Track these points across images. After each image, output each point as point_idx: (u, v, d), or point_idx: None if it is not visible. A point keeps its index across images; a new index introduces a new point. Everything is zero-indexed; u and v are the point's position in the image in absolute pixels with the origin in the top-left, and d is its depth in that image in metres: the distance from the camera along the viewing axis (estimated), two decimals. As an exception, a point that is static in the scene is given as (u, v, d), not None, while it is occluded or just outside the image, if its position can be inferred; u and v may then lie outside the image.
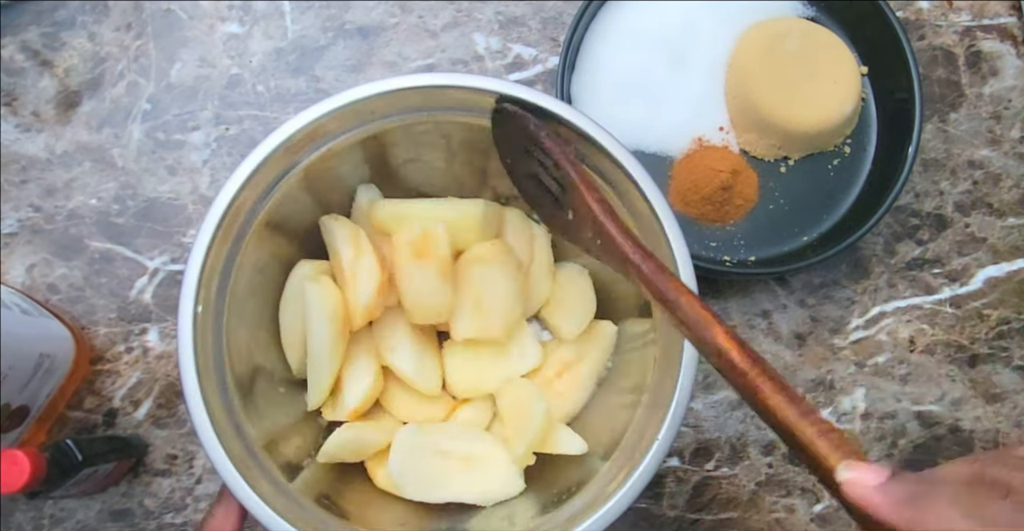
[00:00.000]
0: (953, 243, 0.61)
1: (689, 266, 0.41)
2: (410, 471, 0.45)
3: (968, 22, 0.64)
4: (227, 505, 0.40)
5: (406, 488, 0.45)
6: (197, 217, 0.58)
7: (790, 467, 0.58)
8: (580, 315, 0.50)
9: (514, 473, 0.46)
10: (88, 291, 0.56)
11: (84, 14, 0.60)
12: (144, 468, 0.55)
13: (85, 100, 0.59)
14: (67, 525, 0.54)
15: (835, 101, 0.57)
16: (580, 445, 0.47)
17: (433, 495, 0.45)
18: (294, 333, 0.48)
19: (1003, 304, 0.61)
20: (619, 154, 0.42)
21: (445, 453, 0.46)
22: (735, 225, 0.58)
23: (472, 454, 0.46)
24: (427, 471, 0.45)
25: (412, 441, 0.46)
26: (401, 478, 0.45)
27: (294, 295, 0.47)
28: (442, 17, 0.61)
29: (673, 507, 0.57)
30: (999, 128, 0.63)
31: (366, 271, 0.46)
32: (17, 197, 0.57)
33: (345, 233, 0.47)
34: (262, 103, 0.59)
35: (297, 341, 0.48)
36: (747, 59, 0.58)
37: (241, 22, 0.60)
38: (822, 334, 0.59)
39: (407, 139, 0.46)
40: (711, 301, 0.59)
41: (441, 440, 0.46)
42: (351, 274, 0.46)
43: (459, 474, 0.46)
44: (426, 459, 0.45)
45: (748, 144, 0.59)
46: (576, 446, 0.47)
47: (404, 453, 0.45)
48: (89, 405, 0.55)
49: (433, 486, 0.45)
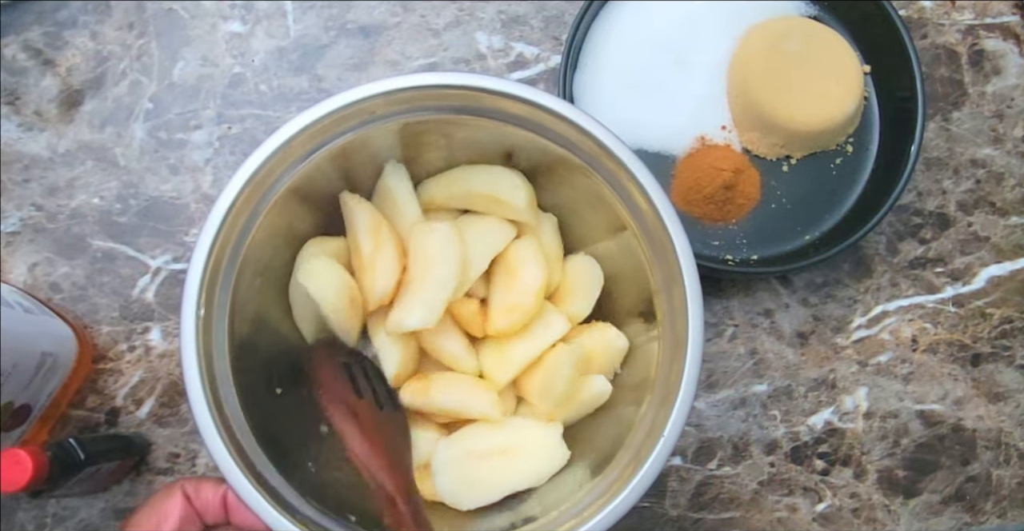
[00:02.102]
0: (956, 242, 0.61)
1: (693, 265, 0.41)
2: (459, 485, 0.45)
3: (971, 21, 0.64)
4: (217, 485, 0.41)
5: (463, 502, 0.45)
6: (199, 216, 0.58)
7: (792, 466, 0.58)
8: (589, 299, 0.50)
9: (554, 442, 0.46)
10: (90, 290, 0.56)
11: (86, 13, 0.60)
12: (146, 467, 0.55)
13: (87, 99, 0.59)
14: (69, 524, 0.54)
15: (837, 100, 0.57)
16: (605, 386, 0.47)
17: (490, 497, 0.45)
18: (306, 309, 0.48)
19: (1006, 303, 0.61)
20: (622, 153, 0.42)
21: (483, 454, 0.45)
22: (737, 224, 0.58)
23: (508, 444, 0.46)
24: (474, 479, 0.45)
25: (447, 457, 0.46)
26: (454, 497, 0.45)
27: (304, 275, 0.47)
28: (444, 16, 0.61)
29: (675, 506, 0.57)
30: (1002, 127, 0.63)
31: (386, 264, 0.45)
32: (20, 196, 0.57)
33: (366, 221, 0.47)
34: (264, 102, 0.59)
35: (310, 316, 0.48)
36: (750, 58, 0.58)
37: (243, 21, 0.60)
38: (824, 333, 0.59)
39: (409, 138, 0.46)
40: (713, 300, 0.59)
41: (473, 444, 0.46)
42: (369, 264, 0.46)
43: (505, 467, 0.45)
44: (468, 469, 0.45)
45: (750, 143, 0.59)
46: (602, 386, 0.47)
47: (447, 473, 0.45)
48: (91, 404, 0.55)
49: (486, 489, 0.45)
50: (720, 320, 0.59)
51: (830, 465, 0.58)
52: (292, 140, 0.41)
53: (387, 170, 0.48)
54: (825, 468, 0.58)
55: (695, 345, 0.40)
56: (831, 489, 0.58)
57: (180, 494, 0.42)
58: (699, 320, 0.40)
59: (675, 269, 0.41)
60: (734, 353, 0.59)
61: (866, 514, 0.58)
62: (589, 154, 0.44)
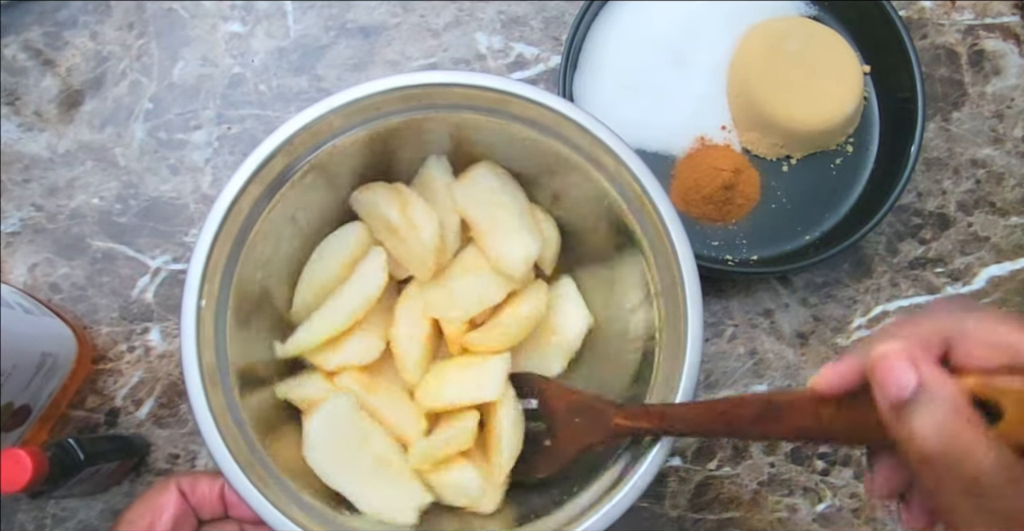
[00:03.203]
0: (956, 242, 0.61)
1: (693, 265, 0.41)
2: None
3: (971, 21, 0.64)
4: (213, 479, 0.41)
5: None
6: (199, 216, 0.58)
7: (792, 466, 0.58)
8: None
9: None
10: (90, 290, 0.56)
11: (86, 13, 0.60)
12: (146, 467, 0.55)
13: (87, 99, 0.59)
14: (69, 525, 0.54)
15: (837, 100, 0.57)
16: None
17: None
18: (312, 287, 0.48)
19: (1006, 303, 0.61)
20: (623, 153, 0.42)
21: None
22: (737, 224, 0.58)
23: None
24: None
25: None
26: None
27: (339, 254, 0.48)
28: (444, 16, 0.61)
29: (675, 507, 0.57)
30: (1002, 127, 0.62)
31: (421, 216, 0.46)
32: (19, 196, 0.57)
33: (386, 195, 0.47)
34: (264, 102, 0.59)
35: (315, 293, 0.48)
36: (749, 58, 0.58)
37: (243, 21, 0.60)
38: (824, 333, 0.59)
39: (413, 137, 0.46)
40: (713, 300, 0.59)
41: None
42: (408, 227, 0.46)
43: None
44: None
45: (750, 143, 0.59)
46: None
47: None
48: (91, 404, 0.55)
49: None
50: (720, 320, 0.59)
51: (830, 465, 0.58)
52: (292, 139, 0.41)
53: (429, 162, 0.49)
54: (825, 468, 0.58)
55: (695, 345, 0.40)
56: (831, 489, 0.58)
57: (175, 490, 0.41)
58: (699, 320, 0.40)
59: (675, 269, 0.41)
60: (734, 353, 0.59)
61: (866, 514, 0.58)
62: (590, 154, 0.44)
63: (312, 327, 0.46)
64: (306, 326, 0.46)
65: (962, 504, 0.26)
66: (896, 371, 0.27)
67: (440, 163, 0.49)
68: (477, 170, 0.48)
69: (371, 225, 0.48)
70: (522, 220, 0.47)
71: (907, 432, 0.26)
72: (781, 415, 0.33)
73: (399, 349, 0.48)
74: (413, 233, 0.46)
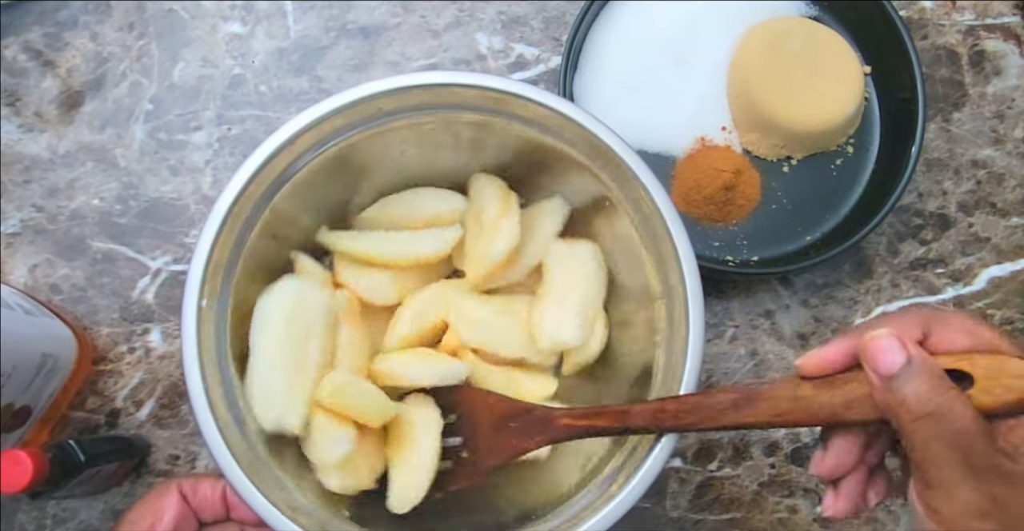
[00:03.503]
0: (956, 243, 0.61)
1: (694, 266, 0.41)
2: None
3: (971, 21, 0.64)
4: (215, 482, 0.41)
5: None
6: (199, 217, 0.57)
7: (793, 467, 0.58)
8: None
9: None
10: (90, 291, 0.56)
11: (86, 14, 0.60)
12: (147, 468, 0.55)
13: (87, 100, 0.59)
14: (69, 525, 0.54)
15: (838, 101, 0.57)
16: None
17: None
18: None
19: (1007, 304, 0.60)
20: (624, 154, 0.42)
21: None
22: (738, 225, 0.58)
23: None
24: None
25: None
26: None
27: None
28: (444, 17, 0.61)
29: (675, 507, 0.57)
30: (1002, 128, 0.62)
31: (508, 229, 0.46)
32: (20, 197, 0.57)
33: (497, 191, 0.48)
34: (264, 103, 0.59)
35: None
36: (750, 58, 0.58)
37: (243, 22, 0.60)
38: (825, 334, 0.59)
39: (415, 136, 0.46)
40: (714, 301, 0.59)
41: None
42: (492, 227, 0.46)
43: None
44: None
45: (751, 144, 0.59)
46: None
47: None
48: (91, 405, 0.55)
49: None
50: (720, 321, 0.59)
51: (831, 466, 0.58)
52: (293, 140, 0.41)
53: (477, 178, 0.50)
54: (826, 469, 0.58)
55: (696, 346, 0.40)
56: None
57: (176, 492, 0.41)
58: (700, 321, 0.40)
59: (676, 270, 0.41)
60: (734, 354, 0.59)
61: (866, 514, 0.58)
62: (591, 154, 0.44)
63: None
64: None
65: (948, 456, 0.30)
66: (888, 350, 0.32)
67: (558, 202, 0.50)
68: (585, 245, 0.49)
69: (468, 207, 0.49)
70: (584, 311, 0.48)
71: (899, 399, 0.31)
72: (759, 401, 0.35)
73: (400, 315, 0.48)
74: (492, 234, 0.46)
